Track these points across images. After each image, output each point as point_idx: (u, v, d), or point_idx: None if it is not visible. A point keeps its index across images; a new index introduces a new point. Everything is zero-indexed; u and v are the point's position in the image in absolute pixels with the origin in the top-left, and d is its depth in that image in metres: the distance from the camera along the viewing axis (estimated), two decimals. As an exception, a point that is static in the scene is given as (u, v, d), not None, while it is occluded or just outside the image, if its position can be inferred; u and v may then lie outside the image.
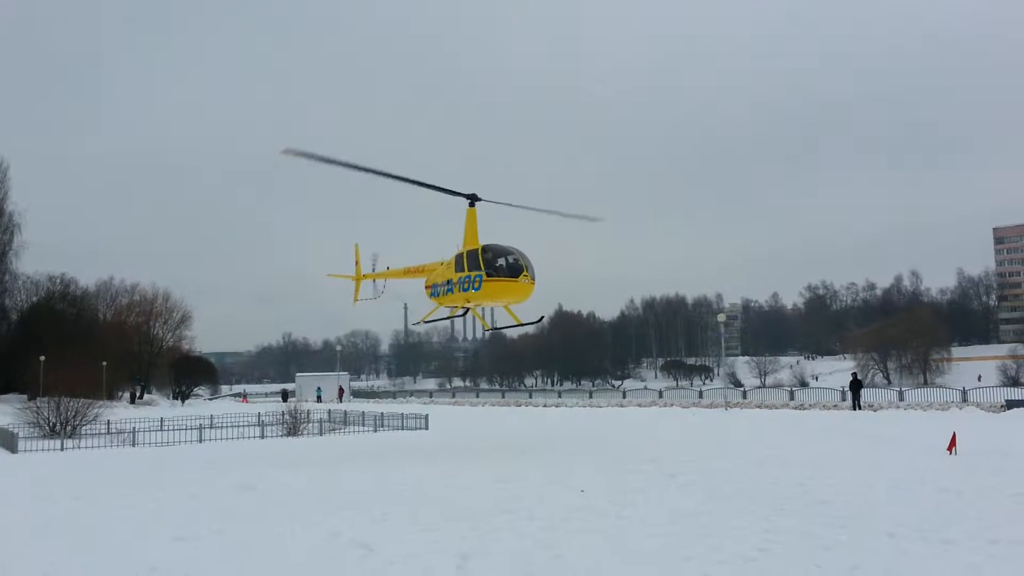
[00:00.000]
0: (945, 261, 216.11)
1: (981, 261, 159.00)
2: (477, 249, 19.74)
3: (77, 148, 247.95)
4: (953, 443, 18.30)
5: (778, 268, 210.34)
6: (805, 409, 42.08)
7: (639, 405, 52.23)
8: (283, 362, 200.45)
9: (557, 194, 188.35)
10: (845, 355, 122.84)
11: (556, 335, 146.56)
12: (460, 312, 21.79)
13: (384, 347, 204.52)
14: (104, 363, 63.32)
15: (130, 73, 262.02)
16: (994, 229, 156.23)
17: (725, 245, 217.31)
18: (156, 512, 12.03)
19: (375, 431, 35.87)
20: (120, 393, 75.97)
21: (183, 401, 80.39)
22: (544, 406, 56.68)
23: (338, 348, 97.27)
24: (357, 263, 26.34)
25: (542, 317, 25.93)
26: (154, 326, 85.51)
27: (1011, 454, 17.74)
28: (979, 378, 78.94)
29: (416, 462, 19.29)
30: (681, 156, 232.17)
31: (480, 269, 19.39)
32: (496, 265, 19.37)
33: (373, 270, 25.63)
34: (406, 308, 33.22)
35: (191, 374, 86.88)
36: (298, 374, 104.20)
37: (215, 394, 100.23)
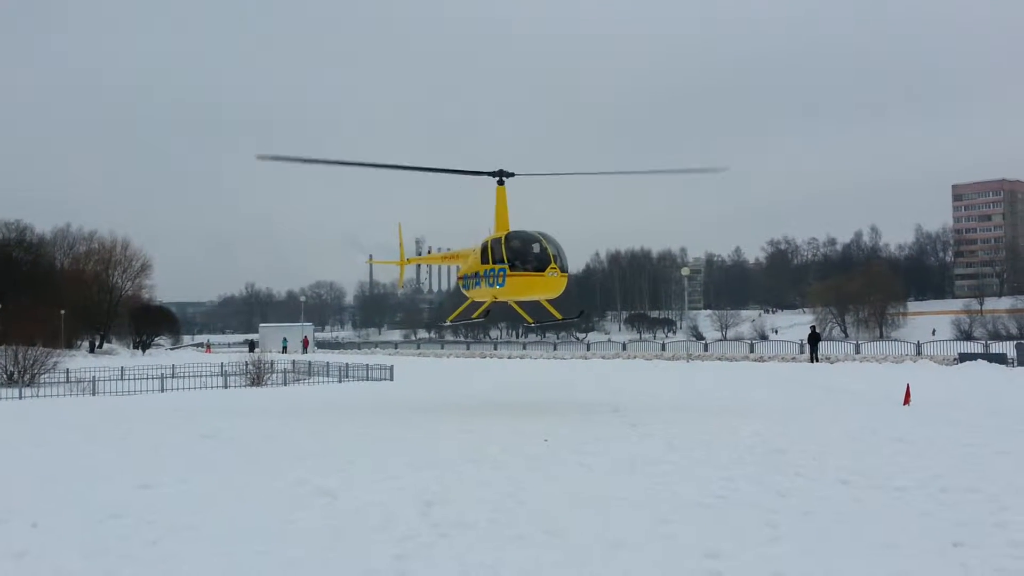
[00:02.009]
0: (905, 217, 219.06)
1: (939, 218, 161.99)
2: (501, 239, 17.87)
3: (33, 93, 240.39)
4: (908, 395, 18.79)
5: (741, 223, 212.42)
6: (764, 361, 42.90)
7: (603, 357, 52.75)
8: (246, 312, 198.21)
9: (513, 144, 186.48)
10: (804, 309, 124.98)
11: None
12: (485, 312, 19.65)
13: (349, 298, 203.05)
14: (63, 312, 62.32)
15: (84, 15, 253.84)
16: (953, 186, 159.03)
17: (690, 200, 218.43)
18: (118, 460, 11.95)
19: (340, 382, 35.95)
20: (79, 342, 75.00)
21: (144, 351, 79.55)
22: (509, 358, 57.02)
23: (302, 299, 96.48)
24: (401, 245, 23.88)
25: (582, 312, 23.88)
26: (113, 275, 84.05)
27: (963, 406, 18.24)
28: (933, 332, 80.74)
29: (380, 412, 19.38)
30: (648, 108, 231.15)
31: (504, 262, 17.56)
32: (520, 257, 17.50)
33: (417, 253, 23.95)
34: (371, 259, 33.24)
35: (152, 324, 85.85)
36: (262, 325, 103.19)
37: (177, 344, 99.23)
